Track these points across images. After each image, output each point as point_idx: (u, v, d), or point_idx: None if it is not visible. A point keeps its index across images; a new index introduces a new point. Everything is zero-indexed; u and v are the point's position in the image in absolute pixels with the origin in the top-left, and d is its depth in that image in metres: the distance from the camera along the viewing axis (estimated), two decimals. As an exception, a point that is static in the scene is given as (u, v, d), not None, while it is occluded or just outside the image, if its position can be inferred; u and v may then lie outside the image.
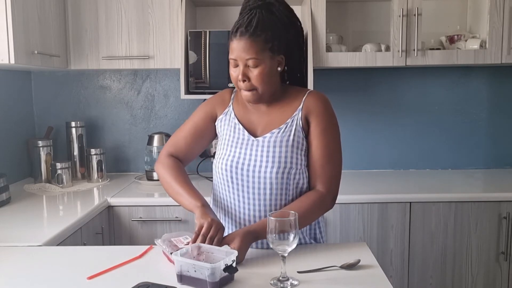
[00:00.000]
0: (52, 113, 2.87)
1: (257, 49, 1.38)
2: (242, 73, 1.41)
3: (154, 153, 2.61)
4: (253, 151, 1.47)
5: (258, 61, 1.39)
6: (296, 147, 1.46)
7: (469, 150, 2.90)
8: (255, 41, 1.38)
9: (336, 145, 1.50)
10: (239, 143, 1.50)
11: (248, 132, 1.50)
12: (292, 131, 1.47)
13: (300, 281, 1.24)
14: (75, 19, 2.50)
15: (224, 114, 1.56)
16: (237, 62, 1.41)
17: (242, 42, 1.38)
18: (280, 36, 1.43)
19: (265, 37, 1.39)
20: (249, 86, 1.42)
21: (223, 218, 1.56)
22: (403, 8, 2.42)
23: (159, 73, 2.87)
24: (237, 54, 1.40)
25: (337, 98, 2.82)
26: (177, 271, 1.22)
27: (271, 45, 1.40)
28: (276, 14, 1.43)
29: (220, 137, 1.57)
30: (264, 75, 1.41)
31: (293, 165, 1.45)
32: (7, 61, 1.98)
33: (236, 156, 1.48)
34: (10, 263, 1.43)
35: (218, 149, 1.55)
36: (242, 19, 1.41)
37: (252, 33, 1.38)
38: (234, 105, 1.57)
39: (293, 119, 1.47)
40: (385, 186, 2.51)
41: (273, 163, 1.44)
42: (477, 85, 2.86)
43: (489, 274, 2.33)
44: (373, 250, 2.28)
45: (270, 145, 1.46)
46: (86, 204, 2.20)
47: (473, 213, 2.29)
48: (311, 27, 2.43)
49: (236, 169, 1.48)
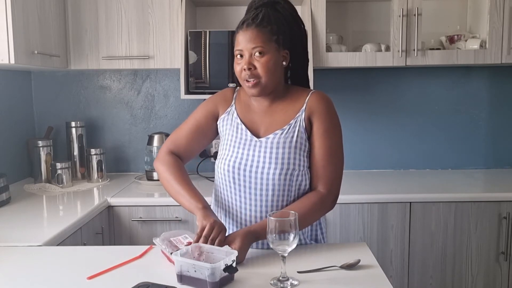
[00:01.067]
0: (52, 113, 2.87)
1: (263, 39, 1.40)
2: (248, 62, 1.41)
3: (154, 153, 2.61)
4: (256, 152, 1.47)
5: (264, 50, 1.40)
6: (299, 148, 1.46)
7: (469, 150, 2.90)
8: (261, 31, 1.40)
9: (338, 146, 1.50)
10: (241, 144, 1.49)
11: (251, 133, 1.50)
12: (295, 132, 1.46)
13: (300, 281, 1.24)
14: (75, 19, 2.50)
15: (226, 113, 1.56)
16: (242, 52, 1.42)
17: (249, 32, 1.40)
18: (284, 31, 1.44)
19: (271, 28, 1.41)
20: (253, 74, 1.42)
21: (224, 218, 1.55)
22: (403, 8, 2.42)
23: (159, 73, 2.87)
24: (243, 44, 1.41)
25: (337, 98, 2.79)
26: (177, 271, 1.22)
27: (276, 37, 1.42)
28: (281, 12, 1.46)
29: (222, 137, 1.56)
30: (269, 64, 1.41)
31: (296, 166, 1.45)
32: (7, 61, 1.98)
33: (238, 157, 1.48)
34: (10, 263, 1.43)
35: (221, 149, 1.55)
36: (248, 15, 1.44)
37: (258, 24, 1.40)
38: (236, 104, 1.56)
39: (296, 120, 1.47)
40: (385, 186, 2.51)
41: (276, 165, 1.44)
42: (477, 85, 2.86)
43: (489, 274, 2.33)
44: (373, 250, 2.28)
45: (273, 146, 1.46)
46: (86, 204, 2.20)
47: (473, 213, 2.29)
48: (311, 27, 2.43)
49: (239, 170, 1.47)
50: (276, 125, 1.49)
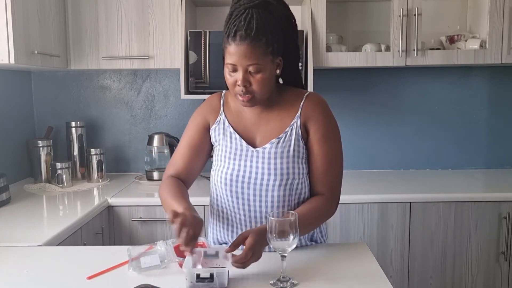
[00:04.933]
0: (52, 113, 2.87)
1: (259, 54, 1.31)
2: (243, 79, 1.33)
3: (154, 153, 2.61)
4: (253, 163, 1.42)
5: (260, 67, 1.32)
6: (297, 156, 1.42)
7: (469, 150, 2.90)
8: (256, 46, 1.30)
9: (337, 149, 1.46)
10: (237, 155, 1.44)
11: (246, 142, 1.45)
12: (292, 140, 1.42)
13: (300, 281, 1.24)
14: (75, 19, 2.50)
15: (217, 123, 1.49)
16: (236, 67, 1.33)
17: (243, 47, 1.30)
18: (279, 37, 1.36)
19: (266, 40, 1.31)
20: (248, 91, 1.35)
21: (222, 231, 1.51)
22: (403, 8, 2.42)
23: (159, 73, 2.87)
24: (237, 59, 1.32)
25: (337, 98, 2.82)
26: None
27: (271, 48, 1.33)
28: (274, 14, 1.35)
29: (216, 147, 1.51)
30: (265, 80, 1.34)
31: (295, 175, 1.42)
32: (7, 61, 1.98)
33: (235, 169, 1.43)
34: (10, 263, 1.43)
35: (215, 159, 1.50)
36: (239, 20, 1.31)
37: (253, 38, 1.29)
38: (226, 112, 1.49)
39: (292, 128, 1.42)
40: (385, 186, 2.51)
41: (276, 176, 1.40)
42: (477, 85, 2.86)
43: (489, 274, 2.33)
44: (373, 250, 2.28)
45: (271, 156, 1.41)
46: (86, 204, 2.20)
47: (473, 213, 2.29)
48: (311, 27, 2.43)
49: (237, 182, 1.43)
50: (272, 133, 1.44)
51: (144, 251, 1.38)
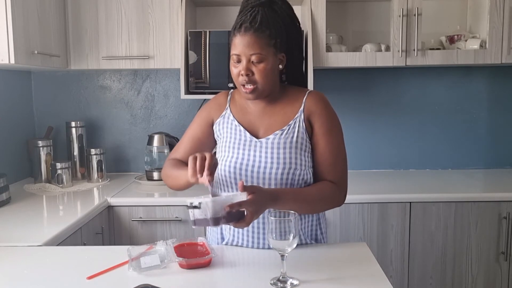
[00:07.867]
0: (52, 113, 2.87)
1: (261, 45, 1.38)
2: (246, 68, 1.40)
3: (154, 153, 2.61)
4: (257, 152, 1.46)
5: (262, 57, 1.39)
6: (300, 148, 1.46)
7: (469, 150, 2.90)
8: (259, 36, 1.38)
9: (342, 143, 1.51)
10: (241, 145, 1.48)
11: (250, 134, 1.49)
12: (295, 132, 1.46)
13: (300, 281, 1.24)
14: (75, 19, 2.50)
15: (221, 117, 1.54)
16: (240, 57, 1.40)
17: (247, 37, 1.38)
18: (282, 34, 1.43)
19: (269, 33, 1.39)
20: (250, 80, 1.41)
21: None
22: (403, 8, 2.42)
23: (159, 73, 2.87)
24: (241, 49, 1.39)
25: (337, 98, 2.82)
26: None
27: (274, 41, 1.41)
28: (279, 12, 1.43)
29: (220, 140, 1.54)
30: (267, 70, 1.41)
31: (298, 166, 1.45)
32: (7, 61, 1.98)
33: (240, 158, 1.47)
34: (10, 263, 1.43)
35: (219, 151, 1.53)
36: (245, 16, 1.40)
37: (257, 29, 1.38)
38: (231, 107, 1.55)
39: (296, 121, 1.47)
40: (385, 186, 2.51)
41: (278, 164, 1.43)
42: (477, 85, 2.86)
43: (489, 274, 2.33)
44: (373, 250, 2.28)
45: (274, 146, 1.45)
46: (86, 204, 2.20)
47: (473, 213, 2.29)
48: (311, 27, 2.43)
49: (240, 170, 1.46)
50: (276, 126, 1.48)
51: (144, 251, 1.39)
